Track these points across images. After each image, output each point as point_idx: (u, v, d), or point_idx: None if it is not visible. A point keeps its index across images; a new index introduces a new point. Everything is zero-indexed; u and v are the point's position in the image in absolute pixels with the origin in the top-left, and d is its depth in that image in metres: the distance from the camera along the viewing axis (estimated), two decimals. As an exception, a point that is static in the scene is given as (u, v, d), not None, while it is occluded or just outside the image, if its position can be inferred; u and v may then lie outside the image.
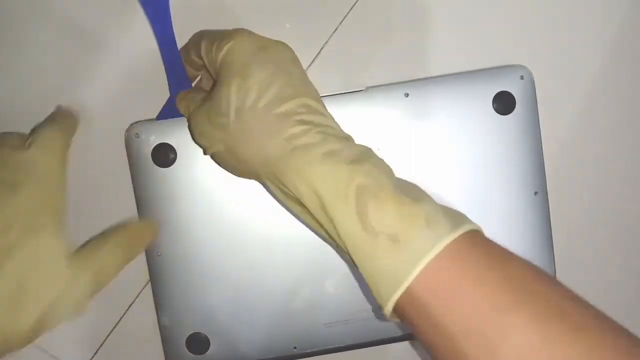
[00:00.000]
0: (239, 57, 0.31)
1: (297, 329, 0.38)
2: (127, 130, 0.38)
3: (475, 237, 0.28)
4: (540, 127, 0.39)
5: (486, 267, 0.26)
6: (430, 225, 0.27)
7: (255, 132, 0.30)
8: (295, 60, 0.32)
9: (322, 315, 0.38)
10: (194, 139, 0.34)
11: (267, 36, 0.32)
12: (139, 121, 0.38)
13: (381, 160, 0.31)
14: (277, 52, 0.32)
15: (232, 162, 0.32)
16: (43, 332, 0.28)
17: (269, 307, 0.38)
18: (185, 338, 0.38)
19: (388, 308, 0.28)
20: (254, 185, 0.35)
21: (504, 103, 0.38)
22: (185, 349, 0.38)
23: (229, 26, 0.38)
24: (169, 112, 0.37)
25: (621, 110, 0.41)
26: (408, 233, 0.27)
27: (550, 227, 0.39)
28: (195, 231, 0.38)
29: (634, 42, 0.41)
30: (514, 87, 0.38)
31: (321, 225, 0.30)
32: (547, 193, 0.39)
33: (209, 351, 0.38)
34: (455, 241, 0.27)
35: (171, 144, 0.37)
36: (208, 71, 0.35)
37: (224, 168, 0.33)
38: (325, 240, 0.31)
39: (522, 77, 0.38)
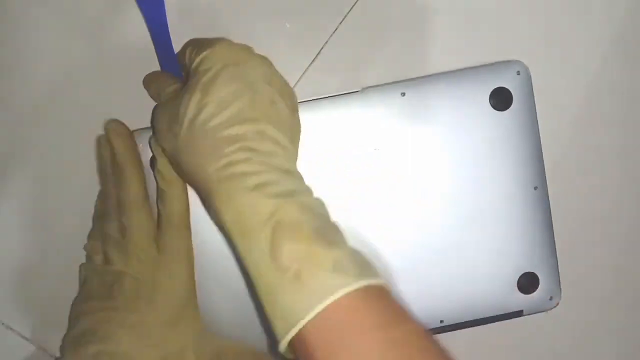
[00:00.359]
0: (210, 67, 0.30)
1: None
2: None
3: (376, 292, 0.27)
4: (538, 121, 0.39)
5: (371, 326, 0.26)
6: (335, 271, 0.27)
7: (200, 150, 0.29)
8: (271, 78, 0.31)
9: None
10: (152, 132, 0.34)
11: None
12: (137, 129, 0.37)
13: (313, 199, 0.30)
14: (251, 67, 0.31)
15: (177, 169, 0.32)
16: None
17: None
18: (190, 341, 0.38)
19: (282, 346, 0.27)
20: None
21: (501, 99, 0.38)
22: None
23: (229, 26, 0.38)
24: None
25: (619, 103, 0.41)
26: (312, 275, 0.26)
27: (551, 221, 0.39)
28: (195, 234, 0.37)
29: (631, 35, 0.41)
30: (511, 83, 0.38)
31: (239, 253, 0.30)
32: (547, 187, 0.39)
33: (213, 353, 0.38)
34: (354, 293, 0.26)
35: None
36: None
37: (174, 170, 0.34)
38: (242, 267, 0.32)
39: (518, 73, 0.38)
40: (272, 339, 0.28)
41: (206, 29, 0.38)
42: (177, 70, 0.36)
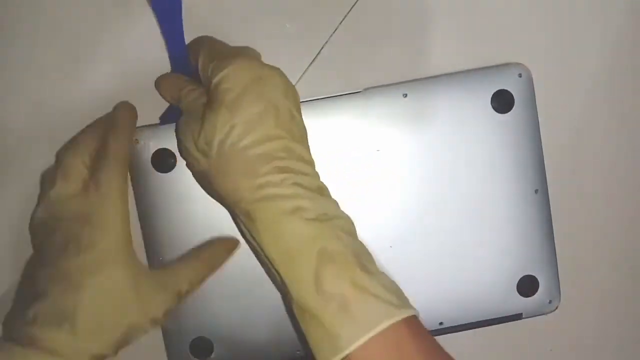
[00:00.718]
0: (232, 87, 0.30)
1: (301, 332, 0.38)
2: (127, 136, 0.37)
3: (413, 323, 0.29)
4: (540, 124, 0.39)
5: (415, 355, 0.28)
6: (379, 302, 0.28)
7: (233, 171, 0.30)
8: (288, 91, 0.32)
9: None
10: (178, 148, 0.34)
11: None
12: (138, 127, 0.37)
13: (343, 219, 0.31)
14: (271, 83, 0.31)
15: (208, 188, 0.33)
16: (123, 348, 0.32)
17: (273, 310, 0.38)
18: (189, 342, 0.38)
19: None
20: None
21: (502, 101, 0.38)
22: (189, 353, 0.38)
23: (229, 26, 0.38)
24: (173, 115, 0.36)
25: (620, 106, 0.41)
26: (357, 306, 0.28)
27: (552, 224, 0.39)
28: (196, 235, 0.37)
29: (632, 39, 0.41)
30: (512, 85, 0.38)
31: (276, 275, 0.31)
32: (547, 190, 0.39)
33: (212, 355, 0.38)
34: (397, 323, 0.28)
35: (170, 149, 0.37)
36: None
37: (201, 187, 0.34)
38: (278, 287, 0.34)
39: (520, 75, 0.38)
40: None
41: (206, 29, 0.37)
42: (188, 70, 0.36)
